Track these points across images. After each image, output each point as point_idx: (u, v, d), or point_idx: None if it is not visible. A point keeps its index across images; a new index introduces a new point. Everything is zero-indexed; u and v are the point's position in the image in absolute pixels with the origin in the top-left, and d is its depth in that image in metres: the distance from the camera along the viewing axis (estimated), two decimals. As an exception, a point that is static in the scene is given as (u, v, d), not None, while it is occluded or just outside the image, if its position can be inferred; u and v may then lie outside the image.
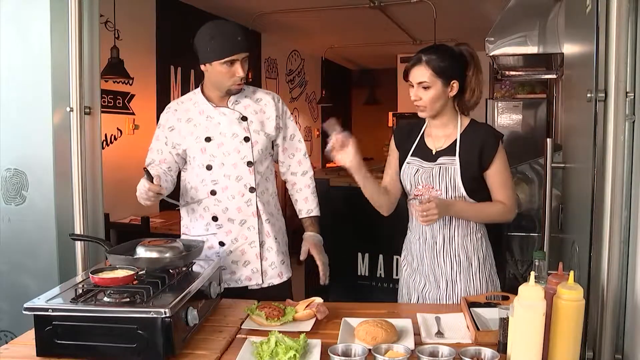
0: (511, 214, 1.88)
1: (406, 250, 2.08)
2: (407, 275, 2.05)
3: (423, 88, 1.87)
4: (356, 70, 10.24)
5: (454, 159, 1.87)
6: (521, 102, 6.16)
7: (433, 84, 1.85)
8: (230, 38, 1.96)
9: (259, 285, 2.11)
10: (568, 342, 1.30)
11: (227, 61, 1.96)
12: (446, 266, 1.92)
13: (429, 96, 1.87)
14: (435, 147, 1.94)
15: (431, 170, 1.89)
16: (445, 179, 1.87)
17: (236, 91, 2.06)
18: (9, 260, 2.19)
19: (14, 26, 2.15)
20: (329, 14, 5.59)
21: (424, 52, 1.88)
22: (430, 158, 1.93)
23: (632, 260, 1.38)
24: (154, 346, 1.40)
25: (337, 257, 3.45)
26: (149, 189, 1.79)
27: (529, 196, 3.80)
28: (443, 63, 1.85)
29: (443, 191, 1.87)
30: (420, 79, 1.86)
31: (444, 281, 1.93)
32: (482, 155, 1.85)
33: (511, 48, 3.19)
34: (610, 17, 1.34)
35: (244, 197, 2.06)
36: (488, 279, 1.92)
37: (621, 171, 1.36)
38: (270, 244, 2.11)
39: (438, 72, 1.85)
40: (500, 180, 1.87)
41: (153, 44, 4.63)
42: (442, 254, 1.92)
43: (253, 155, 2.06)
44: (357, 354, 1.35)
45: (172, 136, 2.09)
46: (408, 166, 1.96)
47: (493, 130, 1.92)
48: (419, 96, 1.88)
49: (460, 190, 1.86)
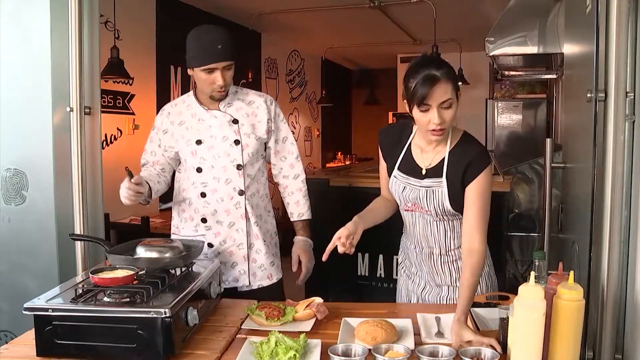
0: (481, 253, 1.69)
1: (403, 254, 2.05)
2: (406, 276, 2.03)
3: (444, 108, 1.64)
4: (356, 70, 10.24)
5: (440, 181, 1.76)
6: (521, 102, 6.17)
7: (454, 99, 1.65)
8: (210, 46, 1.95)
9: (248, 287, 2.12)
10: (568, 342, 1.30)
11: (205, 69, 1.97)
12: (445, 274, 1.90)
13: (451, 115, 1.65)
14: (424, 164, 1.80)
15: (418, 192, 1.80)
16: (433, 201, 1.78)
17: (219, 97, 2.07)
18: (9, 260, 2.19)
19: (14, 26, 2.15)
20: (329, 14, 5.58)
21: (433, 68, 1.63)
22: (418, 175, 1.80)
23: (632, 260, 1.38)
24: (154, 346, 1.40)
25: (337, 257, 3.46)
26: (128, 187, 1.84)
27: (529, 196, 3.80)
28: (454, 72, 1.68)
29: (432, 211, 1.80)
30: (445, 97, 1.62)
31: (445, 286, 1.91)
32: (465, 175, 1.73)
33: (511, 48, 3.19)
34: (610, 17, 1.34)
35: (233, 199, 2.07)
36: (487, 279, 1.91)
37: (621, 171, 1.36)
38: (259, 246, 2.13)
39: (455, 84, 1.66)
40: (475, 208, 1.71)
41: (153, 44, 4.62)
42: (439, 262, 1.89)
43: (243, 158, 2.07)
44: (357, 354, 1.35)
45: (165, 139, 2.12)
46: (395, 180, 1.85)
47: (481, 152, 1.76)
48: (442, 119, 1.64)
49: (449, 210, 1.78)
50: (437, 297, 1.92)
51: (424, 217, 1.84)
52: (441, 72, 1.62)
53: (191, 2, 4.96)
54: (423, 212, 1.82)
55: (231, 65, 2.01)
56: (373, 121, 9.61)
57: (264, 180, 2.20)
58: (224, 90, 2.04)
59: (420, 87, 1.61)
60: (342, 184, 3.31)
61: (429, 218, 1.83)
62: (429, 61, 1.67)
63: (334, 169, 5.37)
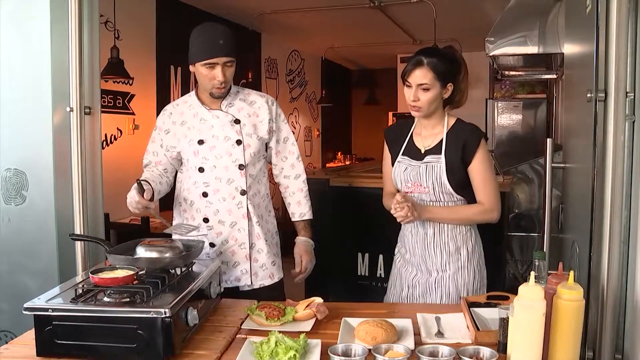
0: (492, 213, 1.95)
1: (400, 243, 2.16)
2: (400, 265, 2.13)
3: (422, 90, 1.91)
4: (356, 70, 10.24)
5: (439, 157, 1.96)
6: (521, 102, 6.16)
7: (433, 86, 1.91)
8: (212, 42, 1.97)
9: (249, 287, 2.12)
10: (568, 342, 1.30)
11: (206, 64, 1.98)
12: (437, 256, 2.01)
13: (427, 98, 1.92)
14: (423, 146, 2.02)
15: (418, 169, 1.98)
16: (432, 177, 1.95)
17: (219, 95, 2.07)
18: (9, 260, 2.19)
19: (14, 26, 2.15)
20: (329, 14, 5.58)
21: (425, 55, 1.92)
22: (418, 157, 2.01)
23: (632, 260, 1.38)
24: (154, 346, 1.40)
25: (337, 257, 3.46)
26: (138, 202, 1.86)
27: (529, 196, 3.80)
28: (443, 66, 1.92)
29: (430, 188, 1.96)
30: (421, 81, 1.90)
31: (434, 270, 2.02)
32: (465, 151, 1.93)
33: (511, 48, 3.19)
34: (610, 17, 1.34)
35: (235, 199, 2.07)
36: (476, 268, 2.02)
37: (621, 171, 1.36)
38: (261, 245, 2.13)
39: (439, 75, 1.90)
40: (481, 178, 1.95)
41: (153, 44, 4.63)
42: (432, 245, 2.01)
43: (245, 159, 2.07)
44: (357, 354, 1.35)
45: (167, 139, 2.12)
46: (398, 165, 2.05)
47: (476, 129, 1.99)
48: (418, 97, 1.92)
49: (447, 187, 1.94)
50: (426, 282, 2.03)
51: (422, 200, 1.99)
52: (428, 60, 1.90)
53: (191, 2, 4.96)
54: (422, 192, 1.98)
55: (232, 62, 2.01)
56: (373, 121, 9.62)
57: (265, 181, 2.20)
58: (224, 87, 2.04)
59: (408, 66, 1.93)
60: (342, 184, 3.31)
61: (426, 199, 1.98)
62: (428, 49, 1.98)
63: (334, 169, 5.36)
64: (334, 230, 3.37)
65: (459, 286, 1.99)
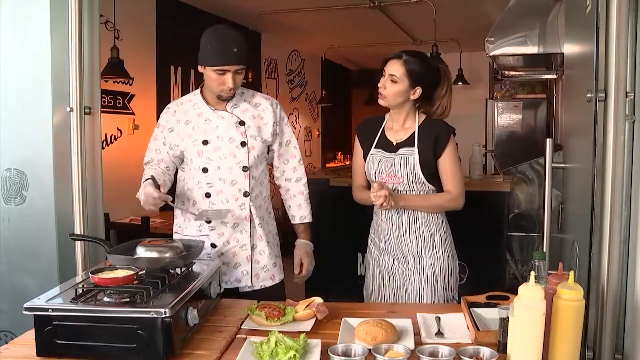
0: (458, 201, 2.10)
1: (373, 233, 2.24)
2: (377, 255, 2.21)
3: (392, 81, 2.07)
4: (356, 70, 10.23)
5: (413, 149, 2.09)
6: (521, 102, 6.16)
7: (401, 81, 2.06)
8: (225, 48, 1.96)
9: (250, 288, 2.12)
10: (568, 342, 1.30)
11: (217, 70, 1.97)
12: (412, 243, 2.12)
13: (393, 90, 2.08)
14: (395, 139, 2.14)
15: (393, 160, 2.10)
16: (406, 167, 2.08)
17: (226, 97, 2.07)
18: (9, 260, 2.19)
19: (14, 26, 2.15)
20: (329, 14, 5.58)
21: (407, 53, 2.09)
22: (391, 149, 2.13)
23: (632, 260, 1.38)
24: (154, 346, 1.40)
25: (337, 257, 3.46)
26: (159, 196, 1.85)
27: (529, 196, 3.80)
28: (418, 68, 2.06)
29: (404, 178, 2.08)
30: (392, 72, 2.07)
31: (411, 257, 2.12)
32: (436, 144, 2.07)
33: (511, 48, 3.19)
34: (610, 17, 1.34)
35: (238, 201, 2.07)
36: (450, 253, 2.15)
37: (621, 171, 1.36)
38: (263, 247, 2.12)
39: (410, 73, 2.06)
40: (450, 170, 2.09)
41: (153, 44, 4.62)
42: (407, 232, 2.12)
43: (249, 160, 2.07)
44: (357, 354, 1.35)
45: (170, 137, 2.11)
46: (372, 157, 2.16)
47: (446, 125, 2.13)
48: (385, 85, 2.09)
49: (420, 177, 2.07)
50: (406, 270, 2.13)
51: (396, 189, 2.09)
52: (407, 57, 2.07)
53: (191, 2, 4.96)
54: (396, 182, 2.09)
55: (243, 70, 2.01)
56: (373, 121, 9.60)
57: (267, 183, 2.21)
58: (232, 92, 2.05)
59: (389, 56, 2.11)
60: (342, 184, 3.31)
61: (400, 189, 2.10)
62: (414, 51, 2.12)
63: (334, 169, 5.38)
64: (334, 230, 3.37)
65: (435, 270, 2.11)
